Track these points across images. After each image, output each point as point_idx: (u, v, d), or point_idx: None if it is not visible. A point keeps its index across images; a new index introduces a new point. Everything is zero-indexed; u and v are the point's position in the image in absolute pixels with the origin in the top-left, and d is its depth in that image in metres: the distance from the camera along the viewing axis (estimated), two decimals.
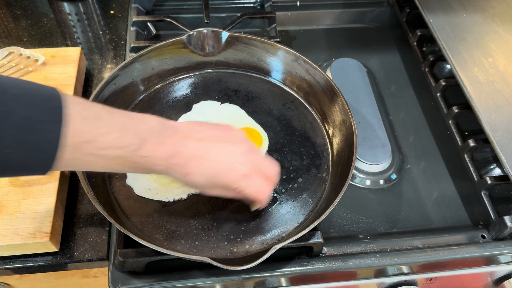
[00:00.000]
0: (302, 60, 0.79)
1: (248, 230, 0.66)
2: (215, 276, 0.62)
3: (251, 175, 0.56)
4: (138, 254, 0.60)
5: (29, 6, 1.01)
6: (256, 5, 1.06)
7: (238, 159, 0.55)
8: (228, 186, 0.55)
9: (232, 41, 0.81)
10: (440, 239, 0.70)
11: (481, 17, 0.88)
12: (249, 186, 0.56)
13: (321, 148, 0.76)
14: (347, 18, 1.10)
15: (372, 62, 0.99)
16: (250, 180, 0.56)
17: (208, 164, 0.53)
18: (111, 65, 0.91)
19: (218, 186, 0.55)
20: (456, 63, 0.81)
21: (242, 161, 0.55)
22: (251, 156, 0.56)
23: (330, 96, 0.76)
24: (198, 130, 0.54)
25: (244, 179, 0.55)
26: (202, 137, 0.54)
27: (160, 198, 0.68)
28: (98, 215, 0.70)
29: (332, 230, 0.72)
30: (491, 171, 0.81)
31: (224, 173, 0.54)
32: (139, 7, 0.98)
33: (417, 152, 0.84)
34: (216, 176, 0.54)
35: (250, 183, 0.56)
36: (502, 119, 0.72)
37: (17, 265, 0.64)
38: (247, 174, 0.55)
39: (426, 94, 0.92)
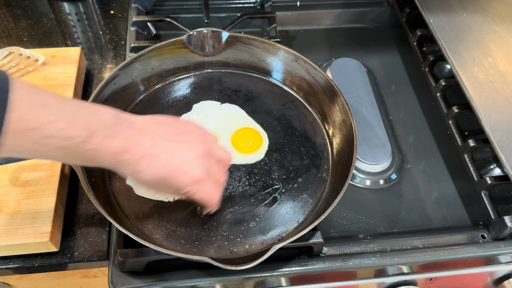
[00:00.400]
0: (302, 60, 0.79)
1: (248, 230, 0.66)
2: (215, 276, 0.62)
3: (203, 180, 0.54)
4: (138, 254, 0.60)
5: (29, 6, 1.01)
6: (256, 5, 1.06)
7: (192, 163, 0.53)
8: (179, 189, 0.54)
9: (232, 41, 0.81)
10: (440, 239, 0.70)
11: (481, 17, 0.88)
12: (199, 191, 0.55)
13: (321, 148, 0.76)
14: (347, 18, 1.10)
15: (372, 62, 0.99)
16: (201, 185, 0.54)
17: (160, 165, 0.51)
18: (111, 65, 0.91)
19: (168, 187, 0.54)
20: (456, 63, 0.81)
21: (195, 165, 0.53)
22: (205, 160, 0.54)
23: (330, 96, 0.76)
24: (154, 127, 0.52)
25: (195, 184, 0.54)
26: (158, 135, 0.51)
27: (160, 198, 0.68)
28: (98, 215, 0.70)
29: (332, 230, 0.72)
30: (491, 171, 0.81)
31: (176, 176, 0.52)
32: (139, 7, 0.98)
33: (417, 152, 0.84)
34: (167, 178, 0.52)
35: (201, 188, 0.55)
36: (502, 119, 0.72)
37: (17, 265, 0.65)
38: (200, 180, 0.54)
39: (426, 94, 0.92)
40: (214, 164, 0.57)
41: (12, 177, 0.67)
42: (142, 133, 0.50)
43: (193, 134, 0.55)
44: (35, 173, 0.67)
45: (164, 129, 0.53)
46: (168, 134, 0.53)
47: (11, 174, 0.67)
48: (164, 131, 0.53)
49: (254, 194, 0.70)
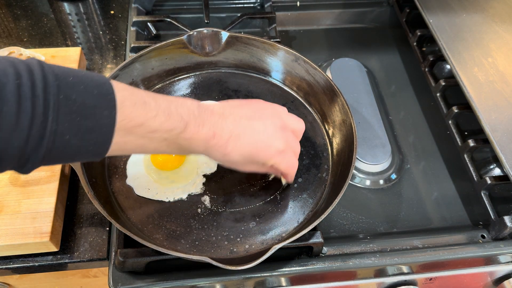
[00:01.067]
0: (302, 60, 0.79)
1: (248, 230, 0.66)
2: (215, 276, 0.62)
3: (285, 151, 0.58)
4: (138, 254, 0.60)
5: (29, 6, 1.01)
6: (256, 5, 1.06)
7: (274, 136, 0.57)
8: (265, 163, 0.58)
9: (232, 41, 0.81)
10: (440, 239, 0.70)
11: (481, 17, 0.88)
12: (283, 162, 0.59)
13: (321, 148, 0.76)
14: (347, 18, 1.10)
15: (372, 62, 0.99)
16: (284, 155, 0.59)
17: (245, 143, 0.55)
18: (111, 65, 0.91)
19: (255, 162, 0.57)
20: (456, 63, 0.81)
21: (277, 138, 0.57)
22: (283, 132, 0.59)
23: (330, 96, 0.76)
24: (233, 110, 0.56)
25: (279, 155, 0.58)
26: (238, 116, 0.55)
27: (160, 198, 0.68)
28: (98, 215, 0.70)
29: (332, 230, 0.72)
30: (491, 171, 0.81)
31: (261, 150, 0.56)
32: (139, 7, 0.98)
33: (417, 152, 0.84)
34: (254, 154, 0.56)
35: (283, 159, 0.59)
36: (502, 119, 0.72)
37: (17, 265, 0.65)
38: (283, 150, 0.58)
39: (426, 94, 0.92)
40: (291, 135, 0.61)
41: (12, 177, 0.67)
42: (224, 117, 0.54)
43: (268, 109, 0.60)
44: (35, 173, 0.67)
45: (241, 110, 0.57)
46: (247, 113, 0.57)
47: (11, 174, 0.67)
48: (242, 112, 0.57)
49: (254, 194, 0.70)
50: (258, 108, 0.59)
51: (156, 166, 0.70)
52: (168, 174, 0.70)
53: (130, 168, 0.71)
